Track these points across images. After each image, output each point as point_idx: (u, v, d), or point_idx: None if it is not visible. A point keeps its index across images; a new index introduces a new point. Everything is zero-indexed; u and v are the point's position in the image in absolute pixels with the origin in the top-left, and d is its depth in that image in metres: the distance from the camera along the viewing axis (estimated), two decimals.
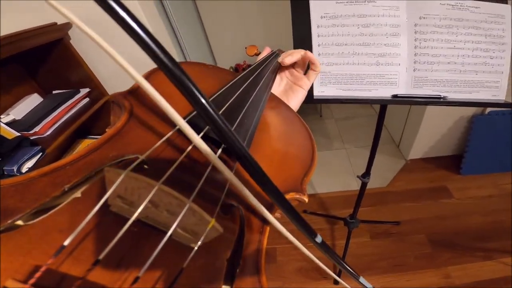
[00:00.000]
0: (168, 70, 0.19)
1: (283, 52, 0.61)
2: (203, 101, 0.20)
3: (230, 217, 0.27)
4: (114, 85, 1.68)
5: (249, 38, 2.90)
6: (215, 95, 0.39)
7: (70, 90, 1.53)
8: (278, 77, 0.60)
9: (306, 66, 0.59)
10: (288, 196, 0.32)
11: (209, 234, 0.22)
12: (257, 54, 0.68)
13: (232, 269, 0.23)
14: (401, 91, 0.88)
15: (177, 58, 1.93)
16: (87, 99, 1.58)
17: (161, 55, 0.18)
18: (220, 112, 0.33)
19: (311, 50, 0.91)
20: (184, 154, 0.28)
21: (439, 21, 0.81)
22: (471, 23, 0.81)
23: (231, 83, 0.44)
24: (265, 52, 0.63)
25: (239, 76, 0.47)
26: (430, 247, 1.76)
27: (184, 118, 0.31)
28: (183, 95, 0.20)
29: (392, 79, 0.88)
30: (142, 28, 0.17)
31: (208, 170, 0.27)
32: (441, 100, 0.86)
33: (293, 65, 0.60)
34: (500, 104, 0.85)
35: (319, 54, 0.91)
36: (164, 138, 0.29)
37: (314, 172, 0.39)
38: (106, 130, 0.30)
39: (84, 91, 1.55)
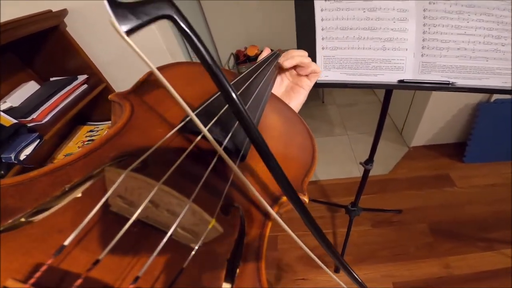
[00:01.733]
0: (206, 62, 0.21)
1: (283, 52, 0.61)
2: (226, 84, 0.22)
3: (230, 217, 0.28)
4: (112, 71, 1.66)
5: (250, 24, 2.87)
6: (217, 95, 0.39)
7: (68, 77, 1.53)
8: (279, 78, 0.61)
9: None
10: (285, 199, 0.32)
11: (209, 234, 0.22)
12: (258, 54, 0.68)
13: (232, 269, 0.23)
14: (408, 76, 0.87)
15: (178, 40, 1.90)
16: (85, 86, 1.57)
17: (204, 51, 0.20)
18: (222, 111, 0.35)
19: (314, 34, 0.89)
20: (185, 154, 0.28)
21: (450, 7, 0.79)
22: (483, 9, 0.78)
23: (232, 82, 0.44)
24: (265, 52, 0.63)
25: (239, 77, 0.48)
26: (431, 236, 1.76)
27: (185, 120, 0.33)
28: (214, 82, 0.22)
29: (398, 64, 0.86)
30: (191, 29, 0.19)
31: (209, 170, 0.27)
32: (449, 86, 0.84)
33: (294, 66, 0.60)
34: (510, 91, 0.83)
35: (322, 38, 0.89)
36: (164, 138, 0.29)
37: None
38: (107, 130, 0.29)
39: (82, 77, 1.55)
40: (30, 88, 1.45)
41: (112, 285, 0.18)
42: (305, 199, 0.33)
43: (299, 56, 0.57)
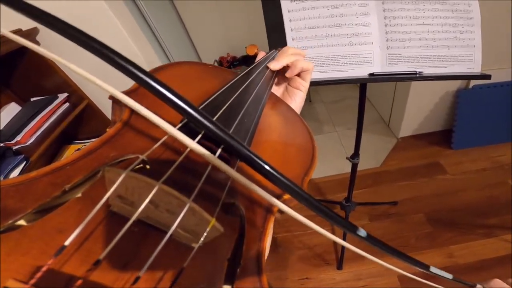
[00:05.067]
0: (148, 86, 0.21)
1: None
2: (187, 107, 0.21)
3: (231, 216, 0.27)
4: (93, 87, 1.58)
5: (230, 30, 2.88)
6: (215, 95, 0.38)
7: (48, 97, 1.51)
8: (276, 80, 0.58)
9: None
10: (288, 196, 0.32)
11: (210, 234, 0.22)
12: (257, 54, 0.68)
13: (233, 268, 0.23)
14: (377, 69, 0.88)
15: (158, 55, 1.90)
16: (67, 104, 1.55)
17: (139, 73, 0.20)
18: (220, 111, 0.35)
19: (284, 36, 0.90)
20: (184, 154, 0.28)
21: None
22: None
23: (231, 82, 0.43)
24: (260, 56, 0.62)
25: (239, 76, 0.47)
26: (430, 226, 1.76)
27: (182, 121, 0.31)
28: (170, 106, 0.21)
29: (367, 58, 0.88)
30: (116, 53, 0.19)
31: (208, 169, 0.27)
32: (417, 75, 0.86)
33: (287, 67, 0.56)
34: (476, 76, 0.85)
35: (292, 39, 0.91)
36: (164, 138, 0.28)
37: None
38: (107, 130, 0.30)
39: (62, 96, 1.53)
40: (11, 110, 1.44)
41: (113, 285, 0.18)
42: None
43: (290, 56, 0.53)
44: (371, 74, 0.88)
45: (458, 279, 0.32)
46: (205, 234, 0.21)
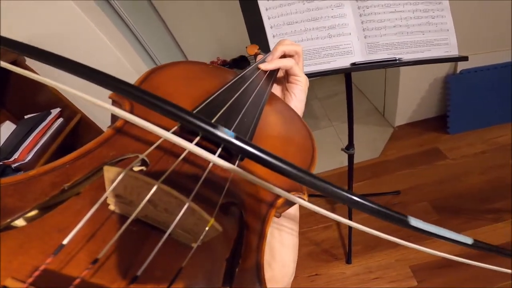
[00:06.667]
0: (135, 97, 0.21)
1: None
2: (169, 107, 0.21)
3: (229, 217, 0.27)
4: (84, 101, 1.60)
5: (218, 34, 2.87)
6: (215, 94, 0.38)
7: (41, 113, 1.51)
8: (277, 79, 0.57)
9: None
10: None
11: (208, 234, 0.22)
12: (257, 54, 0.68)
13: (232, 268, 0.23)
14: (358, 58, 0.90)
15: (146, 62, 1.91)
16: (60, 119, 1.56)
17: (124, 86, 0.21)
18: (221, 111, 0.35)
19: (265, 34, 0.91)
20: (184, 153, 0.28)
21: None
22: None
23: (231, 82, 0.44)
24: (259, 58, 0.61)
25: (239, 75, 0.47)
26: (436, 214, 1.72)
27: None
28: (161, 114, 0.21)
29: (346, 48, 0.89)
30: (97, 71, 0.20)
31: (208, 169, 0.27)
32: (397, 61, 0.87)
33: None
34: (454, 58, 0.86)
35: (273, 36, 0.92)
36: (163, 138, 0.28)
37: None
38: (106, 128, 0.30)
39: (55, 111, 1.53)
40: (6, 128, 1.45)
41: (111, 284, 0.17)
42: (305, 197, 0.32)
43: (278, 57, 0.53)
44: (353, 64, 0.89)
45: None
46: (203, 233, 0.21)
